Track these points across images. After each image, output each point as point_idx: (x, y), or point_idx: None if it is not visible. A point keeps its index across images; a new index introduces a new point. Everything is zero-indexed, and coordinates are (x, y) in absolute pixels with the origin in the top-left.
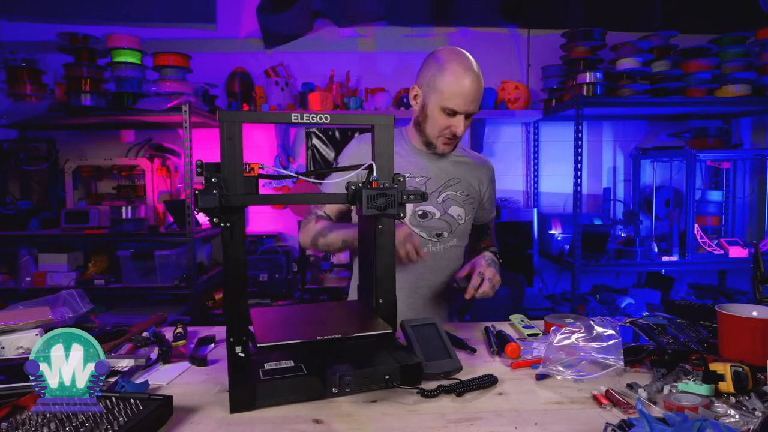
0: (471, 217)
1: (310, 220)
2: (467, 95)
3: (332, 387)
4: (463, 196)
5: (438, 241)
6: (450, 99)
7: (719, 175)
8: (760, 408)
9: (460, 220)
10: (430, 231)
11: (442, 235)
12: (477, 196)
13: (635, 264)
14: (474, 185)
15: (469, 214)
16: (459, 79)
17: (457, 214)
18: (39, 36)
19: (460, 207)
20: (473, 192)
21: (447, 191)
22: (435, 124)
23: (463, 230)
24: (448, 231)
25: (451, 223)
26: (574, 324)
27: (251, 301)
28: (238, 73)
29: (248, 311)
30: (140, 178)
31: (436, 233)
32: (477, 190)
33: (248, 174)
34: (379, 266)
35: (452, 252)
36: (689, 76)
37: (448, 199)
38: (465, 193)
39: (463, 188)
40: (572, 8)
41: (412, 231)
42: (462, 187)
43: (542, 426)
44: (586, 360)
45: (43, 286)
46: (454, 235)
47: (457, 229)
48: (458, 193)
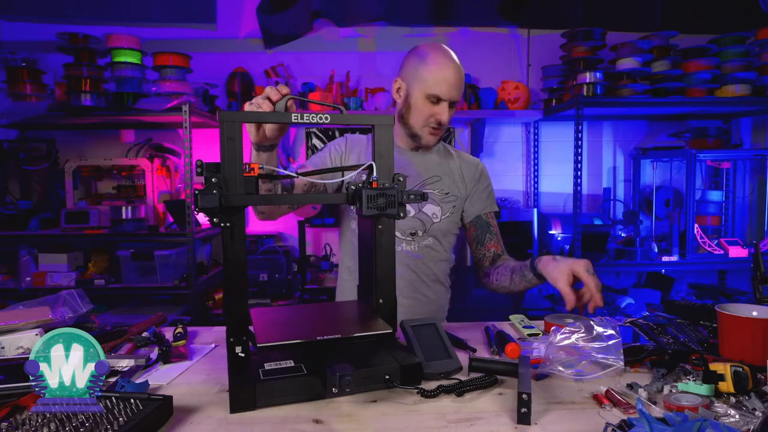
0: (450, 215)
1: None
2: (451, 81)
3: (332, 387)
4: (441, 194)
5: (413, 240)
6: (434, 85)
7: (719, 175)
8: (760, 408)
9: (434, 218)
10: (403, 231)
11: (416, 234)
12: (461, 192)
13: (635, 264)
14: (457, 182)
15: (447, 212)
16: (441, 66)
17: (432, 212)
18: (39, 36)
19: (435, 205)
20: (455, 189)
21: (425, 189)
22: (420, 114)
23: (438, 229)
24: (422, 230)
25: (425, 222)
26: (574, 324)
27: (251, 301)
28: (238, 73)
29: (248, 311)
30: (140, 178)
31: (410, 232)
32: (461, 186)
33: (248, 174)
34: (379, 266)
35: (427, 252)
36: (689, 76)
37: None
38: (445, 191)
39: (444, 186)
40: (572, 8)
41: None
42: (442, 185)
43: (542, 426)
44: (586, 360)
45: (43, 286)
46: (428, 234)
47: (432, 228)
48: (436, 191)
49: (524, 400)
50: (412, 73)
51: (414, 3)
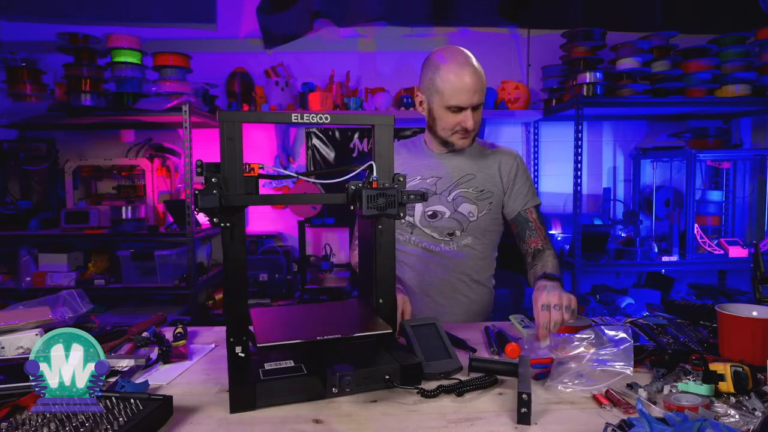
0: (488, 212)
1: (357, 246)
2: (468, 89)
3: (332, 387)
4: (476, 192)
5: (451, 240)
6: (452, 97)
7: (719, 175)
8: (760, 408)
9: (471, 217)
10: (441, 231)
11: (455, 234)
12: (497, 188)
13: (635, 264)
14: (493, 177)
15: (483, 210)
16: (457, 75)
17: (467, 211)
18: (39, 36)
19: (471, 204)
20: (491, 185)
21: (458, 189)
22: (444, 124)
23: (477, 227)
24: (459, 230)
25: (461, 221)
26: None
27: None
28: (238, 73)
29: (248, 311)
30: (140, 178)
31: (448, 233)
32: (498, 181)
33: (248, 174)
34: (379, 266)
35: (466, 251)
36: (689, 76)
37: (459, 196)
38: (480, 188)
39: (479, 183)
40: (572, 8)
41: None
42: (477, 182)
43: (542, 426)
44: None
45: (43, 286)
46: (467, 233)
47: (469, 227)
48: (471, 190)
49: (524, 400)
50: (429, 85)
51: (414, 3)
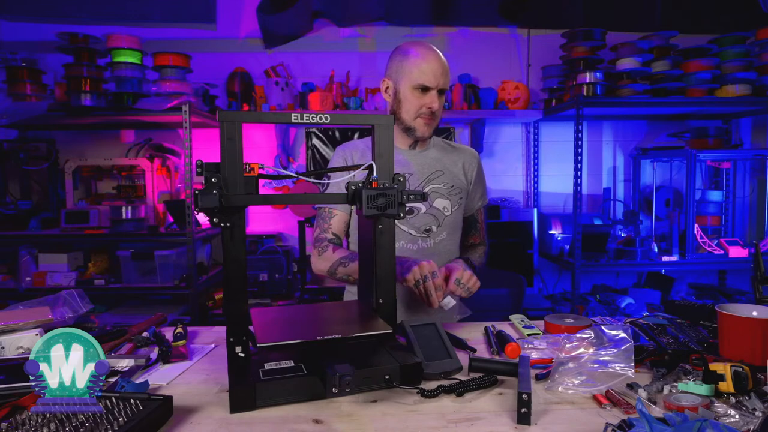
0: (459, 207)
1: (324, 248)
2: (436, 69)
3: (332, 387)
4: (447, 187)
5: (428, 237)
6: (420, 76)
7: (719, 175)
8: (760, 408)
9: (446, 212)
10: (418, 228)
11: (431, 230)
12: (463, 185)
13: (635, 264)
14: (458, 175)
15: (455, 205)
16: (424, 56)
17: (442, 206)
18: (39, 36)
19: (445, 199)
20: (458, 182)
21: (431, 185)
22: (410, 105)
23: (451, 222)
24: (435, 225)
25: (437, 216)
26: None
27: (251, 301)
28: (238, 73)
29: (248, 311)
30: (140, 178)
31: (425, 229)
32: (462, 179)
33: (248, 174)
34: (379, 266)
35: (443, 246)
36: (689, 76)
37: (433, 192)
38: (449, 184)
39: (447, 179)
40: (572, 8)
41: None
42: (446, 178)
43: (542, 426)
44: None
45: (43, 286)
46: (442, 228)
47: (445, 222)
48: (442, 185)
49: (524, 400)
50: (398, 70)
51: (414, 3)
